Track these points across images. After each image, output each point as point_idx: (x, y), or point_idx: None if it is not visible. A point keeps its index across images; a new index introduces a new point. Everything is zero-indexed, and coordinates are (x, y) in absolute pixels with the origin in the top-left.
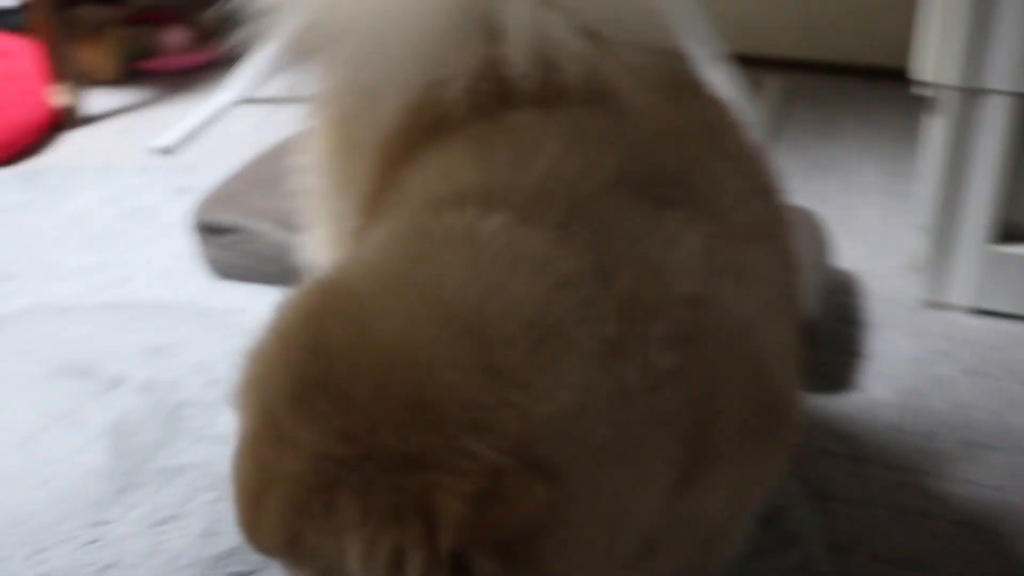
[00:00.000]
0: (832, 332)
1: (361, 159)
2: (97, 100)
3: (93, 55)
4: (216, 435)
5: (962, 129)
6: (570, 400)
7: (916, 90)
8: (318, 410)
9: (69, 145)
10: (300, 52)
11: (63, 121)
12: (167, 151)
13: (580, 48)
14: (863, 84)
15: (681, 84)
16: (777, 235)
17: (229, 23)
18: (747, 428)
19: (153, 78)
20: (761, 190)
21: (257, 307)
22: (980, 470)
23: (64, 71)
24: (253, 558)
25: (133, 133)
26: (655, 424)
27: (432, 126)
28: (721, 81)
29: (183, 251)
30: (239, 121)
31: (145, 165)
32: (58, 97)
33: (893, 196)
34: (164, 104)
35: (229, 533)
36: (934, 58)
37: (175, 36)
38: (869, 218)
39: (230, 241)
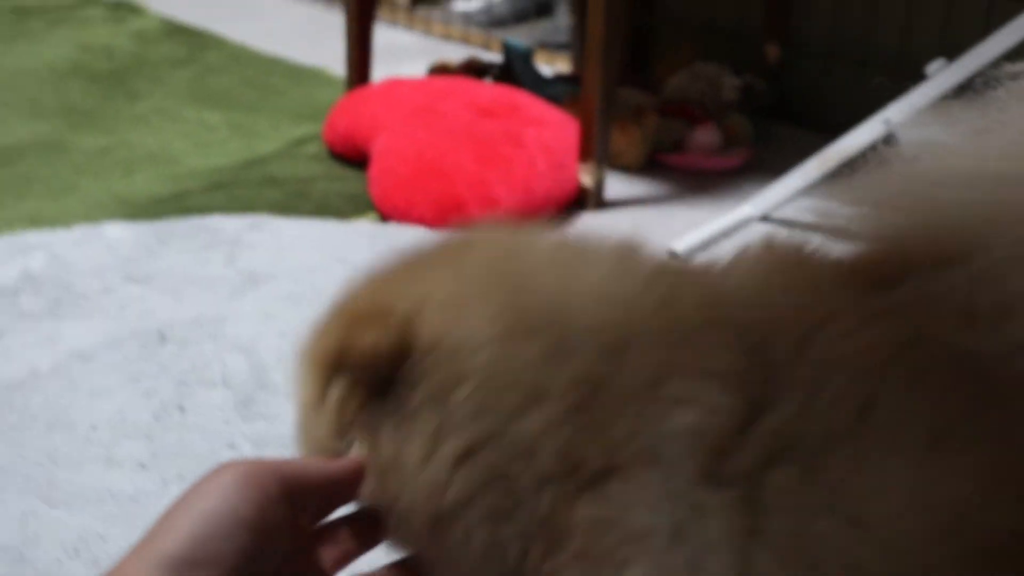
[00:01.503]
0: None
1: None
2: (614, 185)
3: (621, 139)
4: None
5: None
6: None
7: None
8: None
9: (585, 226)
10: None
11: (583, 200)
12: (678, 256)
13: None
14: None
15: None
16: None
17: (760, 132)
18: None
19: (672, 173)
20: None
21: None
22: None
23: (596, 151)
24: None
25: (646, 227)
26: None
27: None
28: None
29: None
30: (754, 237)
31: None
32: (584, 176)
33: None
34: (680, 203)
35: None
36: None
37: (705, 135)
38: None
39: None
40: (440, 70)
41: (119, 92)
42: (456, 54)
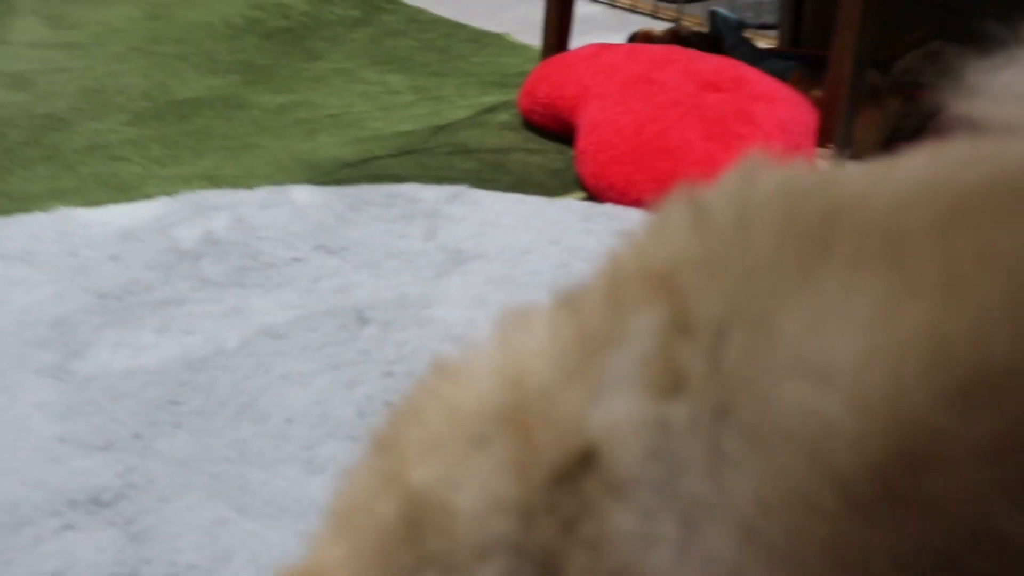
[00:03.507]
0: None
1: None
2: None
3: (857, 123)
4: None
5: None
6: None
7: None
8: None
9: None
10: None
11: None
12: None
13: None
14: None
15: None
16: None
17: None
18: None
19: None
20: None
21: None
22: None
23: (839, 136)
24: None
25: None
26: None
27: None
28: None
29: None
30: None
31: None
32: (822, 164)
33: None
34: None
35: None
36: None
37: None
38: None
39: None
40: (644, 38)
41: (296, 50)
42: (644, 26)
